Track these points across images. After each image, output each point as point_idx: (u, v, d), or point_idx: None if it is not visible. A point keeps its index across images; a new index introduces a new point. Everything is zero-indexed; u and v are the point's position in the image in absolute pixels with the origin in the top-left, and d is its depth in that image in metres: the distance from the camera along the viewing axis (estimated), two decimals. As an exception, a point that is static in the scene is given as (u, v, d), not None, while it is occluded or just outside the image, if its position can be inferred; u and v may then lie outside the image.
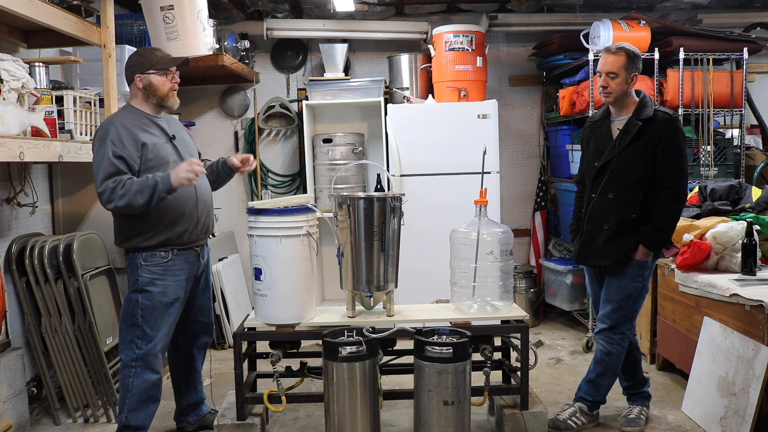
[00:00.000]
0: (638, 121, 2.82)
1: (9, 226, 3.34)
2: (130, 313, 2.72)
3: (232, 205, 5.33)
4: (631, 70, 2.83)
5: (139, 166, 2.65)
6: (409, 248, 3.69)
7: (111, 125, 2.66)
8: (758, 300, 2.79)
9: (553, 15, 5.05)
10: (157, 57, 2.78)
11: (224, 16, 4.88)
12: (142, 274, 2.71)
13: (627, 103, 2.90)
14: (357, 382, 2.54)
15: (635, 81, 2.87)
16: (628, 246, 2.87)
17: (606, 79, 2.84)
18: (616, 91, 2.85)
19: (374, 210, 2.79)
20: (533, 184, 5.37)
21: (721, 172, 4.36)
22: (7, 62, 2.67)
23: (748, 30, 5.01)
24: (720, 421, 2.89)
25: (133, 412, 2.72)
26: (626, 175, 2.84)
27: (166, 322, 2.76)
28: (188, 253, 2.82)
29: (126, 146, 2.62)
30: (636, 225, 2.87)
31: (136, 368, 2.71)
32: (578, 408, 3.07)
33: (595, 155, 2.96)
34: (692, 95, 4.36)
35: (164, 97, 2.78)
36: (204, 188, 2.89)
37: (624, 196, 2.86)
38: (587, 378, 3.08)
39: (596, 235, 2.93)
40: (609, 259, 2.91)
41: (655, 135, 2.80)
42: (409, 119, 4.42)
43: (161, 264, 2.72)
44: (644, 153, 2.82)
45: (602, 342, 2.98)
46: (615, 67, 2.82)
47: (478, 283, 2.84)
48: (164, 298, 2.73)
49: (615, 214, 2.87)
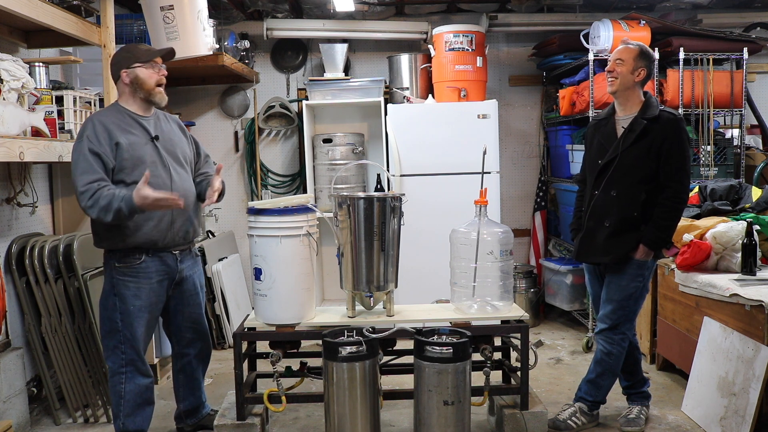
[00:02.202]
0: (643, 120, 2.83)
1: (9, 226, 3.34)
2: (108, 318, 2.69)
3: (232, 205, 5.33)
4: (639, 64, 2.84)
5: (114, 164, 2.61)
6: (409, 248, 3.69)
7: (89, 122, 2.63)
8: (758, 300, 2.79)
9: (553, 15, 5.05)
10: (142, 50, 2.74)
11: (224, 16, 4.88)
12: (116, 277, 2.67)
13: (633, 102, 2.90)
14: (357, 382, 2.54)
15: (642, 77, 2.87)
16: (628, 244, 2.87)
17: (614, 64, 2.87)
18: (621, 78, 2.84)
19: (374, 210, 2.79)
20: (533, 184, 5.37)
21: (721, 172, 4.36)
22: (7, 62, 2.68)
23: (748, 30, 5.01)
24: (720, 421, 2.89)
25: (130, 418, 2.71)
26: (629, 173, 2.85)
27: (144, 325, 2.73)
28: (165, 256, 2.77)
29: (102, 143, 2.58)
30: (637, 223, 2.87)
31: (126, 374, 2.70)
32: (578, 408, 3.07)
33: (599, 153, 2.96)
34: (692, 95, 4.36)
35: (151, 91, 2.72)
36: (183, 190, 2.76)
37: (627, 194, 2.86)
38: (587, 378, 3.07)
39: (597, 232, 2.93)
40: (609, 257, 2.91)
41: (659, 135, 2.81)
42: (409, 119, 4.42)
43: (134, 266, 2.68)
44: (648, 152, 2.82)
45: (602, 342, 2.98)
46: (624, 55, 2.85)
47: (478, 283, 2.84)
48: (137, 301, 2.69)
49: (617, 211, 2.88)
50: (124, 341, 2.69)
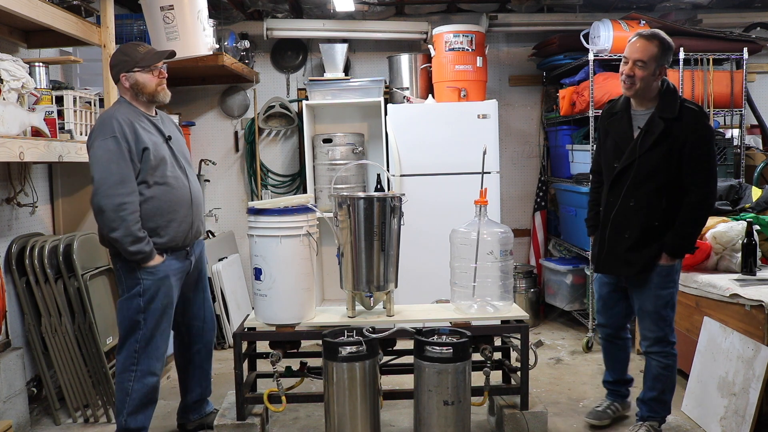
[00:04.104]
0: (662, 120, 2.60)
1: (9, 226, 3.34)
2: (129, 318, 2.69)
3: (232, 205, 5.33)
4: (661, 63, 2.60)
5: (139, 166, 2.62)
6: (409, 248, 3.69)
7: (113, 120, 2.59)
8: (758, 300, 2.79)
9: (553, 15, 5.05)
10: (141, 53, 2.69)
11: (224, 16, 4.88)
12: (143, 277, 2.67)
13: (649, 95, 2.66)
14: (357, 382, 2.54)
15: (663, 75, 2.66)
16: (650, 254, 2.72)
17: (633, 67, 2.60)
18: (642, 83, 2.61)
19: (374, 210, 2.79)
20: (533, 184, 5.37)
21: (721, 172, 4.36)
22: (7, 62, 2.67)
23: (748, 30, 5.01)
24: (720, 421, 2.89)
25: (133, 416, 2.71)
26: (648, 181, 2.66)
27: (167, 324, 2.76)
28: (180, 253, 2.80)
29: (130, 144, 2.59)
30: (659, 232, 2.70)
31: (137, 372, 2.69)
32: (650, 427, 2.86)
33: (614, 155, 2.76)
34: (692, 95, 4.36)
35: (153, 93, 2.72)
36: (197, 190, 2.86)
37: (646, 204, 2.69)
38: (648, 397, 2.88)
39: (617, 243, 2.79)
40: (634, 269, 2.76)
41: (681, 133, 2.58)
42: (409, 119, 4.42)
43: (158, 267, 2.69)
44: (669, 154, 2.60)
45: (656, 358, 2.81)
46: (645, 56, 2.58)
47: (478, 283, 2.84)
48: (160, 300, 2.71)
49: (637, 222, 2.71)
50: (142, 340, 2.69)
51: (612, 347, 3.10)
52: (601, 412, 3.09)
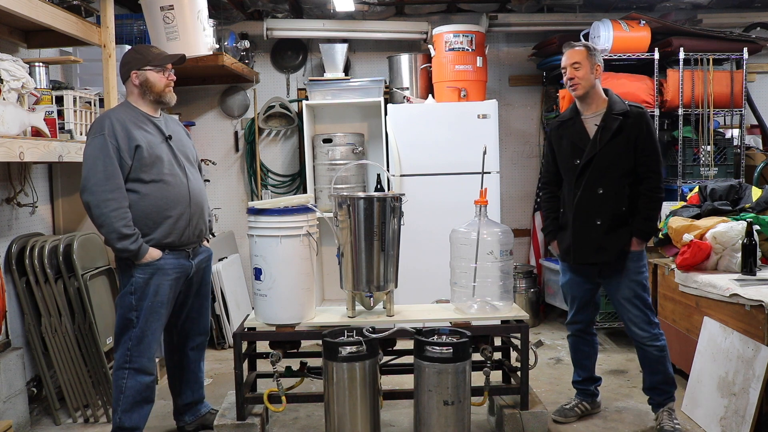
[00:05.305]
0: (617, 116, 2.87)
1: (9, 226, 3.34)
2: (124, 315, 2.71)
3: (232, 205, 5.33)
4: (593, 61, 2.90)
5: (131, 164, 2.64)
6: (409, 248, 3.69)
7: (106, 119, 2.65)
8: (758, 300, 2.78)
9: (553, 15, 5.05)
10: (154, 54, 2.78)
11: (224, 16, 4.88)
12: (135, 275, 2.68)
13: (596, 100, 2.94)
14: (357, 382, 2.54)
15: (599, 74, 2.93)
16: (622, 239, 2.90)
17: (572, 71, 2.90)
18: (584, 81, 2.89)
19: (374, 210, 2.79)
20: (533, 184, 5.37)
21: (721, 172, 4.36)
22: (7, 62, 2.67)
23: (748, 30, 5.01)
24: (720, 421, 2.89)
25: (127, 414, 2.72)
26: (612, 170, 2.88)
27: (158, 323, 2.75)
28: (179, 253, 2.80)
29: (120, 142, 2.61)
30: (626, 218, 2.91)
31: (130, 370, 2.70)
32: (669, 408, 3.00)
33: (574, 154, 2.95)
34: (692, 95, 4.36)
35: (161, 93, 2.77)
36: (198, 189, 2.86)
37: (613, 190, 2.89)
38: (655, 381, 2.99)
39: (588, 231, 2.93)
40: (607, 255, 2.91)
41: (633, 129, 2.86)
42: (409, 119, 4.42)
43: (153, 264, 2.70)
44: (626, 146, 2.86)
45: (650, 343, 2.93)
46: (578, 58, 2.89)
47: (478, 283, 2.84)
48: (156, 298, 2.71)
49: (608, 209, 2.90)
50: (134, 338, 2.70)
51: (581, 343, 3.19)
52: (568, 410, 3.18)
